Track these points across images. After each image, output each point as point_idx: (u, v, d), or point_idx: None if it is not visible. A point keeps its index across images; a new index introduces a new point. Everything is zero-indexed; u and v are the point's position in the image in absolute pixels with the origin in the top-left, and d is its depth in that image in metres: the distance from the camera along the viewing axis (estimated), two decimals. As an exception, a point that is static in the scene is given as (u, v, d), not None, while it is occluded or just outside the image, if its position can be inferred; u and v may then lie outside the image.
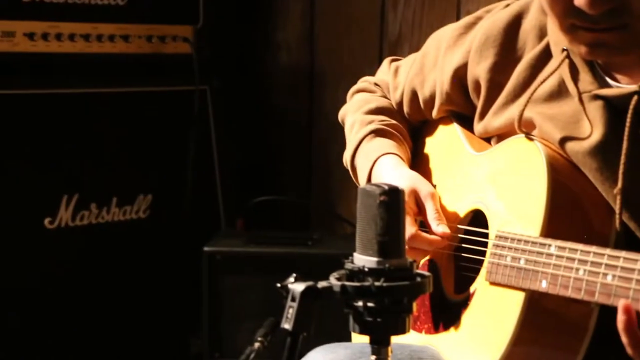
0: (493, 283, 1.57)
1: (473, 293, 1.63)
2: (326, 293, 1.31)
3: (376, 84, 2.03)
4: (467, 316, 1.64)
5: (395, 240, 1.30)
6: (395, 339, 1.31)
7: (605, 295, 1.38)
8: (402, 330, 1.30)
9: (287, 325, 1.31)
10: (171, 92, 3.25)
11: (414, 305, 1.30)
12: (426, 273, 1.31)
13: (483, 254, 1.62)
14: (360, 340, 1.60)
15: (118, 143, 3.12)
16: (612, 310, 1.34)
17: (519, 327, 1.49)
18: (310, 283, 1.31)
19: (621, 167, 1.48)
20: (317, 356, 1.63)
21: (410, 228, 1.69)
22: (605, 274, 1.39)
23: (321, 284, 1.31)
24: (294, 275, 1.33)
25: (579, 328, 1.49)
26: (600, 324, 1.48)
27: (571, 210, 1.52)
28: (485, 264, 1.61)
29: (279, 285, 1.32)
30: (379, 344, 1.31)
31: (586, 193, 1.53)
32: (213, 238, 3.11)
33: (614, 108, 1.53)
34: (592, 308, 1.47)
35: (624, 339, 1.29)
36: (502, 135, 1.71)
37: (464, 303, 1.65)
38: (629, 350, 1.29)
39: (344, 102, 2.07)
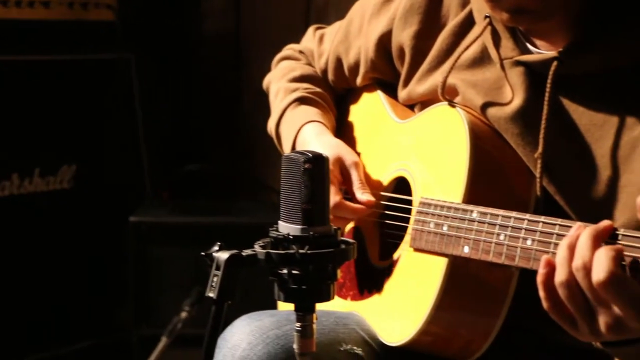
0: (417, 249, 1.59)
1: (397, 259, 1.65)
2: (251, 261, 1.31)
3: (301, 52, 2.03)
4: (391, 282, 1.66)
5: (320, 208, 1.31)
6: (320, 306, 1.32)
7: (525, 259, 1.41)
8: (326, 297, 1.31)
9: (211, 294, 1.30)
10: (94, 60, 3.19)
11: (339, 272, 1.31)
12: (350, 240, 1.32)
13: (407, 220, 1.63)
14: (287, 308, 1.60)
15: (40, 112, 3.06)
16: (532, 274, 1.36)
17: (441, 292, 1.51)
18: (234, 251, 1.30)
19: (541, 132, 1.50)
20: (243, 324, 1.63)
21: (334, 197, 1.70)
22: (525, 239, 1.41)
23: (246, 252, 1.31)
24: (219, 244, 1.32)
25: (499, 292, 1.51)
26: (520, 288, 1.51)
27: (493, 176, 1.54)
28: (409, 231, 1.62)
29: (203, 254, 1.31)
30: (304, 311, 1.32)
31: (507, 159, 1.55)
32: (139, 208, 3.08)
33: (535, 74, 1.55)
34: (513, 272, 1.50)
35: (541, 292, 1.31)
36: (425, 101, 1.72)
37: (389, 269, 1.66)
38: (545, 304, 1.31)
39: (270, 70, 2.06)
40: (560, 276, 1.30)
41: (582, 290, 1.29)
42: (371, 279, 1.72)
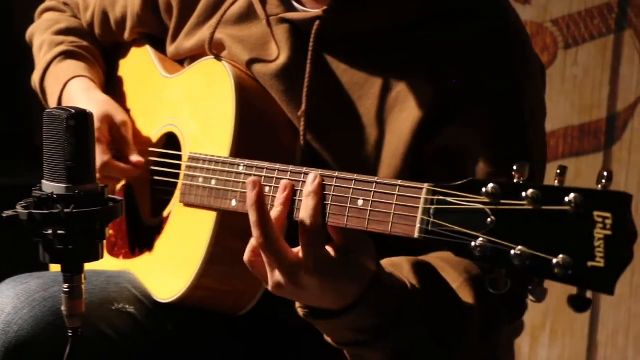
0: (187, 204, 1.59)
1: (168, 216, 1.64)
2: (13, 222, 1.27)
3: (65, 4, 1.96)
4: (162, 239, 1.65)
5: (85, 165, 1.28)
6: (91, 266, 1.30)
7: (290, 209, 1.44)
8: (95, 257, 1.29)
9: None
10: None
11: (108, 231, 1.29)
12: (118, 198, 1.30)
13: (177, 176, 1.63)
14: (58, 269, 1.56)
15: None
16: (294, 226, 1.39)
17: (212, 246, 1.52)
18: (-8, 213, 1.26)
19: (305, 89, 1.53)
20: (7, 288, 1.57)
21: (103, 156, 1.67)
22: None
23: (6, 213, 1.27)
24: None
25: None
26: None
27: (259, 131, 1.56)
28: (178, 186, 1.62)
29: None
30: (72, 272, 1.30)
31: (274, 114, 1.57)
32: None
33: (300, 32, 1.57)
34: (280, 224, 1.53)
35: (251, 216, 1.30)
36: (194, 57, 1.71)
37: (160, 226, 1.66)
38: (254, 231, 1.31)
39: (33, 21, 1.98)
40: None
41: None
42: (143, 236, 1.71)
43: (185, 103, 1.67)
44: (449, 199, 1.18)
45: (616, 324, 2.69)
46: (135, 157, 1.69)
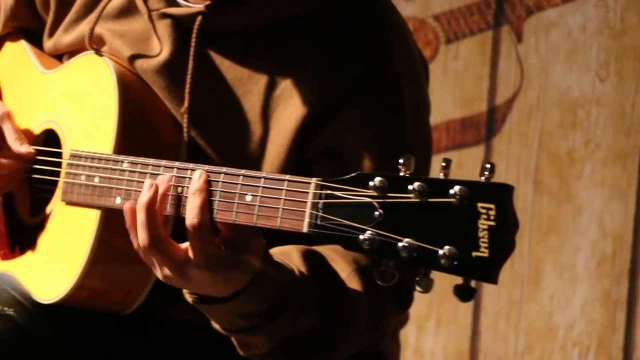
0: (69, 203, 1.56)
1: (49, 214, 1.60)
2: None
3: None
4: (44, 238, 1.61)
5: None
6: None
7: (176, 206, 1.42)
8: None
9: None
10: None
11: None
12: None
13: (58, 174, 1.59)
14: None
15: None
16: (181, 220, 1.38)
17: (95, 245, 1.49)
18: None
19: (187, 86, 1.52)
20: None
21: None
22: (176, 187, 1.42)
23: None
24: None
25: None
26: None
27: (143, 127, 1.53)
28: (60, 184, 1.58)
29: None
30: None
31: (157, 110, 1.54)
32: None
33: (182, 27, 1.55)
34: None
35: (140, 216, 1.31)
36: (73, 52, 1.67)
37: (41, 225, 1.61)
38: (140, 232, 1.31)
39: None
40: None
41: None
42: (23, 236, 1.66)
43: (65, 99, 1.63)
44: (337, 193, 1.19)
45: (498, 311, 2.76)
46: (25, 148, 1.62)
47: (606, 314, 2.65)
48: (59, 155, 1.61)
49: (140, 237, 1.31)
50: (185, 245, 1.31)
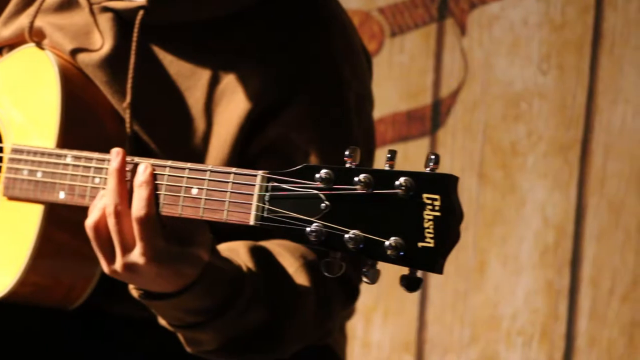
0: (11, 198, 1.53)
1: (-10, 210, 1.58)
2: None
3: None
4: (-15, 234, 1.59)
5: None
6: None
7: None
8: None
9: None
10: None
11: None
12: None
13: (-1, 169, 1.57)
14: None
15: None
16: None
17: (39, 241, 1.47)
18: None
19: (129, 81, 1.50)
20: None
21: None
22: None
23: None
24: None
25: None
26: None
27: (86, 121, 1.52)
28: (1, 179, 1.56)
29: None
30: None
31: (100, 104, 1.53)
32: None
33: (124, 21, 1.54)
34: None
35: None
36: (13, 45, 1.65)
37: (-15, 221, 1.59)
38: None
39: None
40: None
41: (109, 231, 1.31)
42: (-37, 232, 1.63)
43: (5, 93, 1.61)
44: (283, 185, 1.19)
45: (443, 303, 2.78)
46: None
47: (549, 303, 2.69)
48: (0, 150, 1.58)
49: (113, 201, 1.29)
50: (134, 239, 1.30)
